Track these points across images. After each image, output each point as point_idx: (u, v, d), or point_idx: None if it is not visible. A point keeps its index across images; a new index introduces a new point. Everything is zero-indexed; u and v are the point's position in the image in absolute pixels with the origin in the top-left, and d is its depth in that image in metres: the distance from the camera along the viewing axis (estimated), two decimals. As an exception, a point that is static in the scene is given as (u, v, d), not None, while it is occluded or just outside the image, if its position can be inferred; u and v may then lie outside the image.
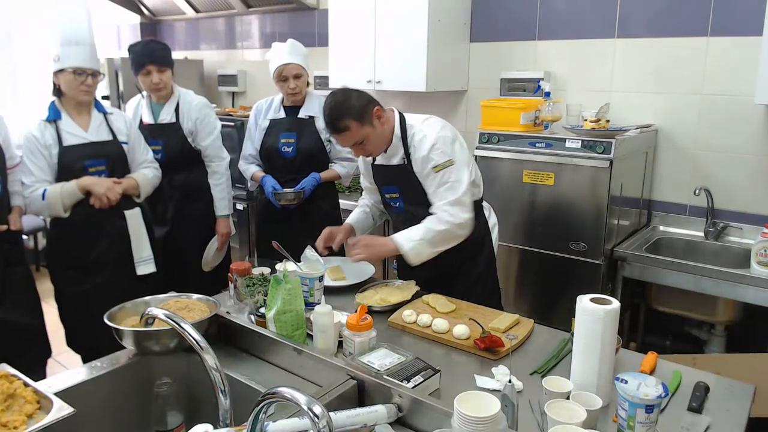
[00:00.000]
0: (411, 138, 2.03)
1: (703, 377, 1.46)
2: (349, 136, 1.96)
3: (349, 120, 1.92)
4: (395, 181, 2.13)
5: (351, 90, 2.00)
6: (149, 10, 5.23)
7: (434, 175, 1.99)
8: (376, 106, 1.99)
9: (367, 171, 2.26)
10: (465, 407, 1.08)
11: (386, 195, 2.20)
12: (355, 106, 1.94)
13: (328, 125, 1.98)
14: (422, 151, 1.98)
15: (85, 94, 2.36)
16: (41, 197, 2.30)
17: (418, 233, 1.98)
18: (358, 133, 1.95)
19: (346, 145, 2.02)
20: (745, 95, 2.63)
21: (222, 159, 2.92)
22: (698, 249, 2.76)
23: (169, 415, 1.42)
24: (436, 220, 1.98)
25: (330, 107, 1.95)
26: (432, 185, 2.00)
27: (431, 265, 2.03)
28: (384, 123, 2.01)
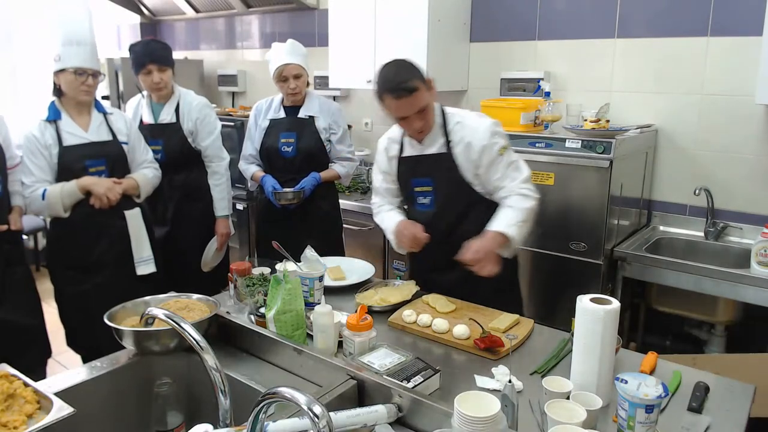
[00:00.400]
0: (454, 126, 1.97)
1: (703, 377, 1.46)
2: (417, 98, 1.85)
3: (417, 80, 1.84)
4: (430, 173, 2.02)
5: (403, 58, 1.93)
6: (149, 10, 5.23)
7: (500, 159, 1.93)
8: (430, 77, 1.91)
9: (390, 167, 2.13)
10: (465, 407, 1.08)
11: (415, 189, 2.06)
12: (417, 67, 1.87)
13: (395, 85, 1.83)
14: (482, 139, 1.92)
15: (85, 95, 2.36)
16: (41, 197, 2.30)
17: (516, 216, 1.88)
18: (424, 98, 1.86)
19: (411, 111, 1.88)
20: (745, 95, 2.63)
21: (222, 159, 2.92)
22: (698, 249, 2.76)
23: (169, 415, 1.42)
24: (522, 198, 1.91)
25: (397, 67, 1.87)
26: (499, 169, 1.94)
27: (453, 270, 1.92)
28: (433, 96, 1.93)
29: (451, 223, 2.01)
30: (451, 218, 2.00)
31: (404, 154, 2.08)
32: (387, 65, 1.91)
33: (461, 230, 1.97)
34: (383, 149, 2.15)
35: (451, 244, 1.93)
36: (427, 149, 2.01)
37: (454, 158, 1.97)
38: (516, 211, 1.89)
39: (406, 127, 1.97)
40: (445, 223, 2.01)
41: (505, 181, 1.95)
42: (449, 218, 2.00)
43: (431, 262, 2.06)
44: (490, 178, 1.96)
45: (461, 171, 1.97)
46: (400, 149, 2.09)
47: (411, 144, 2.05)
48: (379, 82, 1.89)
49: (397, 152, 2.09)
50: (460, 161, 1.96)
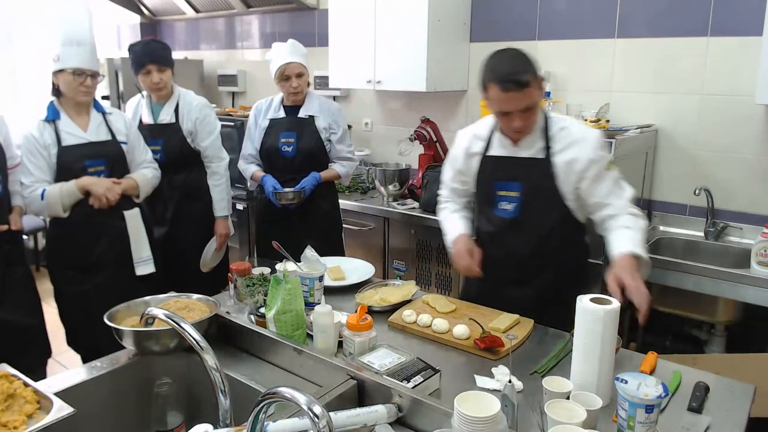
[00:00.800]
0: (558, 132, 1.81)
1: (703, 377, 1.46)
2: (526, 95, 1.68)
3: (530, 75, 1.68)
4: (519, 177, 1.84)
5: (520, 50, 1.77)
6: (149, 10, 5.23)
7: (607, 174, 1.78)
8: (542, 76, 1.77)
9: (467, 165, 1.96)
10: (465, 407, 1.08)
11: (498, 192, 1.88)
12: (533, 63, 1.72)
13: (508, 77, 1.66)
14: (591, 151, 1.76)
15: (84, 95, 2.36)
16: (40, 197, 2.30)
17: (639, 236, 1.70)
18: (535, 95, 1.71)
19: (516, 108, 1.70)
20: (745, 95, 2.63)
21: (221, 159, 2.92)
22: (698, 249, 2.76)
23: (169, 415, 1.42)
24: (634, 218, 1.75)
25: (511, 56, 1.71)
26: (606, 185, 1.78)
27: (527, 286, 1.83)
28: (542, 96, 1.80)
29: (535, 236, 1.85)
30: (535, 230, 1.84)
31: (490, 153, 1.90)
32: (500, 52, 1.75)
33: (544, 246, 1.85)
34: (463, 146, 1.97)
35: (529, 259, 1.84)
36: (521, 151, 1.84)
37: (552, 166, 1.79)
38: (636, 231, 1.72)
39: (505, 123, 1.79)
40: (528, 234, 1.85)
41: (611, 198, 1.79)
42: (534, 230, 1.84)
43: (506, 275, 1.90)
44: (595, 194, 1.79)
45: (558, 181, 1.79)
46: (485, 147, 1.91)
47: (501, 143, 1.88)
48: (486, 68, 1.73)
49: (482, 150, 1.92)
50: (560, 171, 1.79)
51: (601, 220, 1.82)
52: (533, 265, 1.86)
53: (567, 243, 1.87)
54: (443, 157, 3.48)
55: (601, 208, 1.81)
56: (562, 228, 1.86)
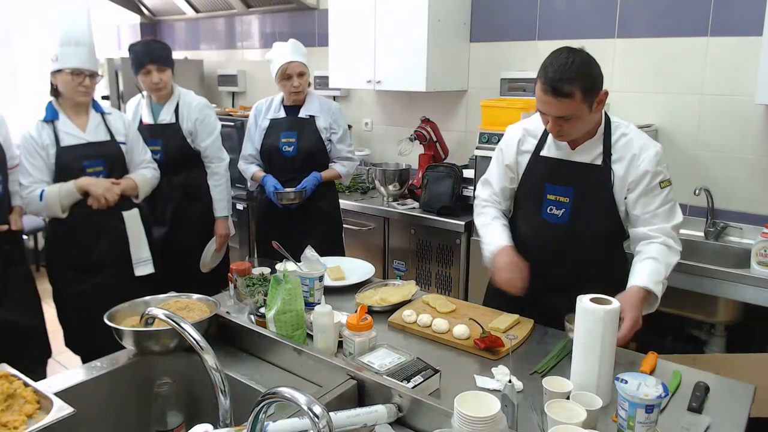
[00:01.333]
0: (617, 138, 1.73)
1: (703, 377, 1.46)
2: (566, 105, 1.59)
3: (577, 87, 1.57)
4: (573, 182, 1.76)
5: (591, 56, 1.65)
6: (149, 10, 5.23)
7: (659, 192, 1.71)
8: (605, 90, 1.66)
9: (517, 162, 1.87)
10: (465, 407, 1.08)
11: (548, 196, 1.79)
12: (591, 75, 1.61)
13: (549, 82, 1.58)
14: (648, 160, 1.69)
15: (82, 95, 2.35)
16: (39, 198, 2.30)
17: (660, 271, 1.64)
18: (576, 108, 1.60)
19: (553, 113, 1.63)
20: (745, 95, 2.63)
21: (221, 160, 2.92)
22: (698, 249, 2.76)
23: (169, 415, 1.42)
24: (668, 252, 1.69)
25: (565, 64, 1.58)
26: (654, 203, 1.71)
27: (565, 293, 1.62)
28: (599, 110, 1.69)
29: (583, 245, 1.78)
30: (584, 238, 1.76)
31: (543, 153, 1.82)
32: (564, 51, 1.63)
33: (591, 255, 1.78)
34: (515, 140, 1.87)
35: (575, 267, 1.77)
36: (576, 156, 1.76)
37: (611, 174, 1.72)
38: (663, 265, 1.66)
39: (543, 121, 1.72)
40: (575, 242, 1.77)
41: (656, 218, 1.71)
42: (583, 238, 1.76)
43: (545, 281, 1.78)
44: (640, 208, 1.72)
45: (615, 190, 1.73)
46: (538, 145, 1.83)
47: (557, 144, 1.78)
48: (544, 62, 1.64)
49: (533, 148, 1.84)
50: (617, 179, 1.72)
51: (637, 237, 1.75)
52: (577, 273, 1.77)
53: (613, 254, 1.81)
54: (443, 157, 3.48)
55: (641, 224, 1.74)
56: (610, 238, 1.81)
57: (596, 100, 1.64)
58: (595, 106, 1.65)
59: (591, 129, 1.73)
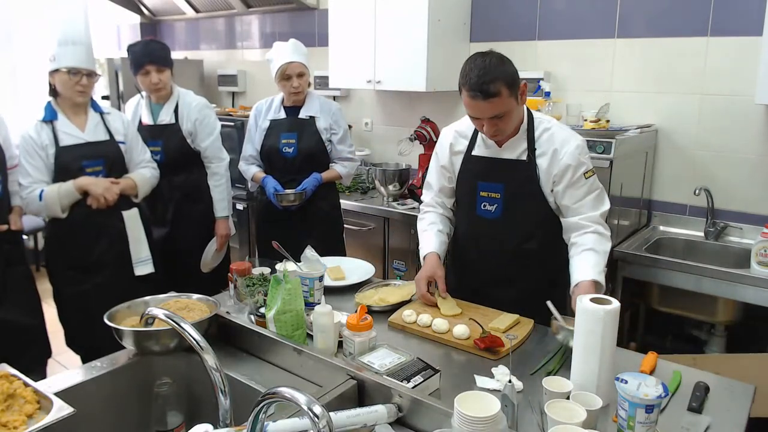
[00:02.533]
0: (540, 134, 1.81)
1: (703, 377, 1.46)
2: (496, 104, 1.67)
3: (501, 85, 1.65)
4: (502, 178, 1.85)
5: (503, 56, 1.72)
6: (149, 10, 5.23)
7: (584, 182, 1.79)
8: (524, 82, 1.75)
9: (451, 164, 1.96)
10: (465, 407, 1.08)
11: (481, 193, 1.88)
12: (509, 72, 1.69)
13: (476, 86, 1.67)
14: (569, 153, 1.77)
15: (79, 95, 2.34)
16: (39, 198, 2.30)
17: (600, 261, 1.73)
18: (505, 104, 1.68)
19: (485, 115, 1.71)
20: (745, 95, 2.63)
21: (221, 160, 2.92)
22: (698, 249, 2.76)
23: (169, 415, 1.42)
24: (600, 239, 1.77)
25: (483, 67, 1.67)
26: (579, 193, 1.79)
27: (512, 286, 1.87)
28: (523, 103, 1.77)
29: (518, 237, 1.87)
30: (518, 231, 1.86)
31: (474, 153, 1.91)
32: (476, 56, 1.72)
33: (526, 246, 1.87)
34: (447, 142, 1.97)
35: (513, 259, 1.85)
36: (504, 153, 1.85)
37: (536, 168, 1.81)
38: (600, 255, 1.75)
39: (477, 127, 1.81)
40: (510, 235, 1.86)
41: (584, 207, 1.80)
42: (516, 231, 1.86)
43: (488, 275, 1.92)
44: (568, 198, 1.81)
45: (541, 183, 1.82)
46: (469, 146, 1.92)
47: (485, 143, 1.87)
48: (461, 71, 1.73)
49: (465, 148, 1.92)
50: (542, 173, 1.81)
51: (569, 227, 1.84)
52: (516, 264, 1.87)
53: (549, 242, 1.88)
54: (443, 157, 3.48)
55: (571, 214, 1.83)
56: (543, 228, 1.88)
57: (519, 92, 1.73)
58: (520, 99, 1.75)
59: (515, 126, 1.81)
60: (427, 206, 2.09)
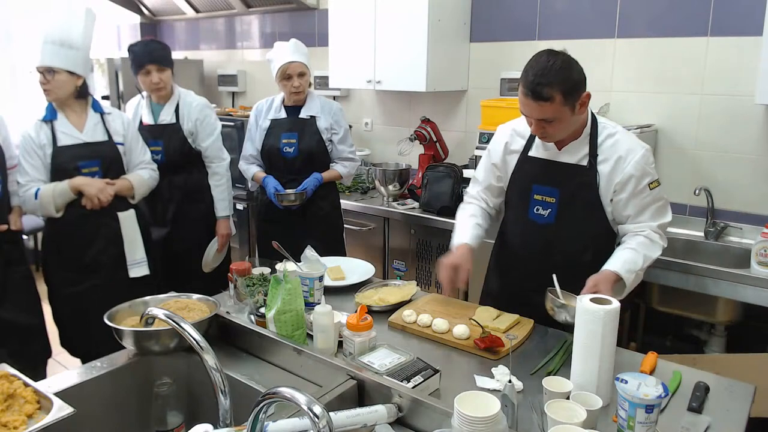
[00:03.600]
0: (604, 139, 1.74)
1: (703, 377, 1.46)
2: (546, 108, 1.61)
3: (556, 91, 1.58)
4: (559, 183, 1.77)
5: (573, 59, 1.65)
6: (149, 10, 5.23)
7: (648, 192, 1.71)
8: (587, 92, 1.67)
9: (503, 163, 1.89)
10: (465, 407, 1.08)
11: (535, 196, 1.81)
12: (571, 78, 1.61)
13: (529, 86, 1.60)
14: (634, 162, 1.69)
15: (46, 93, 2.30)
16: (34, 197, 2.29)
17: (636, 260, 1.67)
18: (556, 110, 1.61)
19: (534, 116, 1.65)
20: (745, 95, 2.63)
21: (222, 160, 2.92)
22: (698, 249, 2.76)
23: (169, 415, 1.42)
24: (649, 244, 1.71)
25: (542, 68, 1.60)
26: (642, 203, 1.72)
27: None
28: (582, 112, 1.70)
29: (571, 246, 1.78)
30: (571, 239, 1.78)
31: (531, 154, 1.83)
32: (545, 54, 1.65)
33: (578, 257, 1.77)
34: (503, 140, 1.90)
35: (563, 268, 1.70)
36: (563, 156, 1.77)
37: (596, 175, 1.73)
38: (639, 255, 1.68)
39: (528, 123, 1.73)
40: (562, 242, 1.78)
41: (643, 216, 1.74)
42: (570, 239, 1.78)
43: (533, 281, 1.76)
44: (629, 208, 1.74)
45: (600, 192, 1.74)
46: (526, 146, 1.85)
47: (544, 145, 1.80)
48: (526, 66, 1.66)
49: (521, 148, 1.85)
50: (602, 181, 1.73)
51: (623, 232, 1.78)
52: (564, 274, 1.70)
53: (603, 257, 1.75)
54: (443, 157, 3.48)
55: (629, 222, 1.76)
56: (598, 240, 1.80)
57: (578, 102, 1.65)
58: (578, 108, 1.66)
59: (577, 130, 1.74)
60: (472, 198, 2.02)
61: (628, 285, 1.67)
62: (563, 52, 1.67)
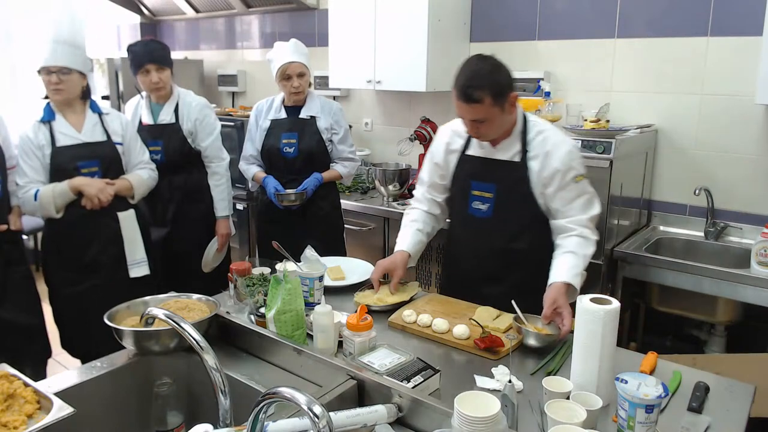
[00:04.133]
0: (534, 136, 1.85)
1: (703, 377, 1.46)
2: (477, 110, 1.72)
3: (485, 93, 1.70)
4: (495, 179, 1.89)
5: (500, 63, 1.77)
6: (149, 10, 5.23)
7: (573, 186, 1.82)
8: (515, 92, 1.79)
9: (445, 162, 2.01)
10: (465, 407, 1.08)
11: (474, 192, 1.93)
12: (498, 81, 1.73)
13: (460, 90, 1.72)
14: (560, 157, 1.80)
15: (54, 93, 2.30)
16: (34, 198, 2.29)
17: (578, 264, 1.77)
18: (487, 111, 1.73)
19: (466, 117, 1.78)
20: (745, 95, 2.63)
21: (222, 160, 2.92)
22: (698, 249, 2.76)
23: (169, 415, 1.42)
24: (584, 243, 1.80)
25: (471, 72, 1.72)
26: (568, 196, 1.83)
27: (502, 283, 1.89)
28: (512, 112, 1.82)
29: (507, 236, 1.90)
30: (508, 231, 1.90)
31: (469, 152, 1.95)
32: (474, 59, 1.77)
33: (515, 245, 1.90)
34: (444, 141, 2.01)
35: (502, 258, 1.89)
36: (498, 153, 1.89)
37: (528, 170, 1.85)
38: (579, 258, 1.78)
39: (464, 124, 1.85)
40: (500, 234, 1.90)
41: (570, 210, 1.83)
42: (506, 230, 1.89)
43: (478, 272, 1.97)
44: (557, 200, 1.84)
45: (532, 185, 1.85)
46: (465, 145, 1.96)
47: (480, 144, 1.91)
48: (457, 70, 1.77)
49: (461, 147, 1.97)
50: (533, 175, 1.85)
51: (556, 229, 1.88)
52: (504, 263, 1.91)
53: (538, 243, 1.90)
54: (443, 157, 3.48)
55: (560, 216, 1.86)
56: (533, 229, 1.91)
57: (507, 102, 1.77)
58: (508, 108, 1.78)
59: (508, 128, 1.86)
60: (416, 201, 2.14)
61: (578, 287, 1.76)
62: (492, 56, 1.79)
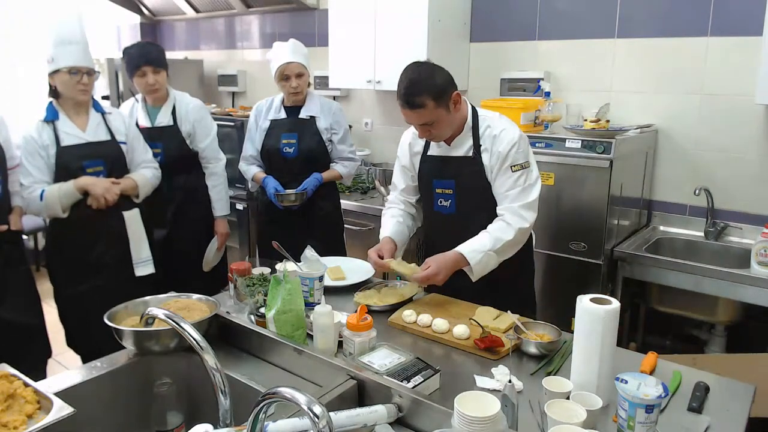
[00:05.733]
0: (484, 130, 1.93)
1: (703, 377, 1.46)
2: (421, 115, 1.80)
3: (426, 98, 1.77)
4: (454, 175, 1.97)
5: (436, 66, 1.85)
6: (149, 10, 5.23)
7: (509, 174, 1.89)
8: (456, 91, 1.86)
9: (411, 164, 2.10)
10: (465, 407, 1.08)
11: (437, 190, 2.02)
12: (437, 84, 1.80)
13: (403, 98, 1.80)
14: (501, 147, 1.88)
15: (82, 94, 2.35)
16: (39, 198, 2.30)
17: (485, 242, 1.85)
18: (432, 114, 1.81)
19: (414, 122, 1.87)
20: (745, 95, 2.63)
21: (219, 160, 2.93)
22: (698, 249, 2.76)
23: (169, 415, 1.42)
24: (504, 227, 1.87)
25: (410, 80, 1.79)
26: (504, 184, 1.90)
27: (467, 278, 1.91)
28: (458, 110, 1.89)
29: (471, 230, 1.93)
30: (472, 224, 1.94)
31: (429, 153, 2.03)
32: (411, 67, 1.84)
33: None
34: (407, 144, 2.10)
35: None
36: (453, 151, 1.97)
37: (481, 163, 1.92)
38: (491, 239, 1.86)
39: (417, 131, 1.93)
40: (465, 228, 1.94)
41: (505, 199, 1.91)
42: (470, 224, 1.94)
43: None
44: (497, 188, 1.92)
45: (487, 177, 1.93)
46: (425, 146, 2.03)
47: (437, 143, 1.99)
48: (398, 81, 1.83)
49: (422, 149, 2.04)
50: (486, 167, 1.92)
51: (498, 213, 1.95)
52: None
53: None
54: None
55: (499, 201, 1.93)
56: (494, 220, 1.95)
57: (450, 102, 1.84)
58: (452, 107, 1.85)
59: (459, 125, 1.93)
60: (391, 203, 2.22)
61: (476, 266, 1.84)
62: (428, 61, 1.88)
